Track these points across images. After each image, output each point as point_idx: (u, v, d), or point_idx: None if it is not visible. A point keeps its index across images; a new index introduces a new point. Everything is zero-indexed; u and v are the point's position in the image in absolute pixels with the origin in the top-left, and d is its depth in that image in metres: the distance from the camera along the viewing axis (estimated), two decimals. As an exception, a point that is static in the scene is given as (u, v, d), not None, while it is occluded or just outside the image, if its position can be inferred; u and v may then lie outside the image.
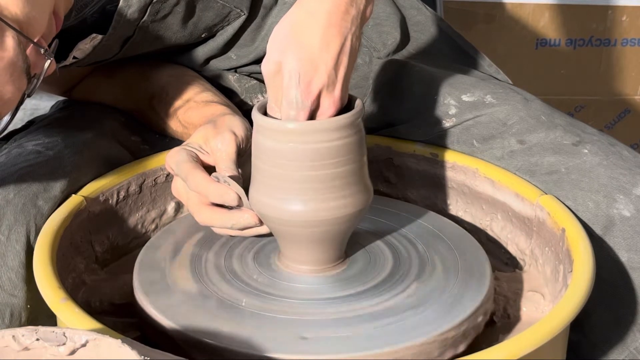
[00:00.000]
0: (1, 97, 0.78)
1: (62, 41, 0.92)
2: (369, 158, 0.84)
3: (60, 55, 1.02)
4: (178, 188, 0.92)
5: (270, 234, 0.88)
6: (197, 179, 0.88)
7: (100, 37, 1.03)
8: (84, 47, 1.04)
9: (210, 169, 0.91)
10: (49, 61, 0.82)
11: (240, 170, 0.91)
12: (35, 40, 0.80)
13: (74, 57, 1.04)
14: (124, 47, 1.07)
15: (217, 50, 1.15)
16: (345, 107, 0.83)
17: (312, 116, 0.80)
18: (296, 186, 0.80)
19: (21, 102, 0.81)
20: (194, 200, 0.90)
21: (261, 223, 0.87)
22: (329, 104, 0.80)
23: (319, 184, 0.80)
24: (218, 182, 0.88)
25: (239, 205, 0.87)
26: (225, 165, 0.90)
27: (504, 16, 2.02)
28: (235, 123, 0.95)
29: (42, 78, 0.82)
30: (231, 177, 0.89)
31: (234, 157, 0.91)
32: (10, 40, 0.77)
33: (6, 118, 0.81)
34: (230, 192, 0.87)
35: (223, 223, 0.88)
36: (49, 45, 0.83)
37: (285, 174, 0.80)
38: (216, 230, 0.91)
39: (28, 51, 0.80)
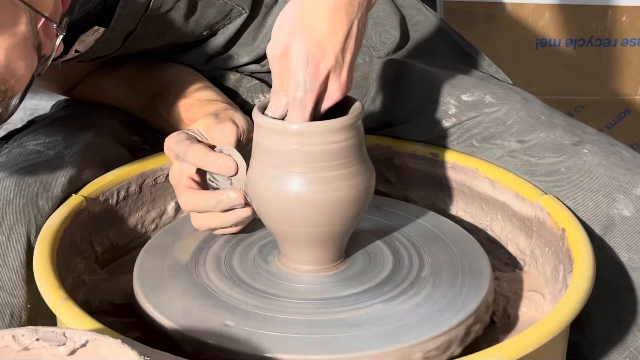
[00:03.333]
0: (14, 72, 0.78)
1: (65, 36, 0.92)
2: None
3: (63, 50, 1.02)
4: (173, 172, 0.91)
5: (259, 224, 0.87)
6: (195, 150, 0.88)
7: (102, 30, 1.03)
8: (87, 40, 1.03)
9: None
10: (59, 39, 0.83)
11: None
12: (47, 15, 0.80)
13: (77, 51, 1.04)
14: (126, 42, 1.07)
15: (218, 49, 1.15)
16: (343, 109, 0.83)
17: (318, 100, 0.80)
18: (297, 183, 0.80)
19: (30, 82, 0.81)
20: (183, 183, 0.89)
21: (247, 204, 0.86)
22: (335, 87, 0.80)
23: (319, 176, 0.80)
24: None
25: (235, 174, 0.86)
26: None
27: (504, 16, 2.02)
28: (237, 116, 0.95)
29: (52, 57, 0.82)
30: None
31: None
32: (22, 15, 0.77)
33: (14, 101, 0.81)
34: (229, 159, 0.86)
35: (207, 203, 0.87)
36: (60, 23, 0.84)
37: (286, 172, 0.80)
38: (197, 222, 0.90)
39: (39, 28, 0.80)
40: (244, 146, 0.92)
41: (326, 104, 0.81)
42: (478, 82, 1.08)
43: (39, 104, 2.72)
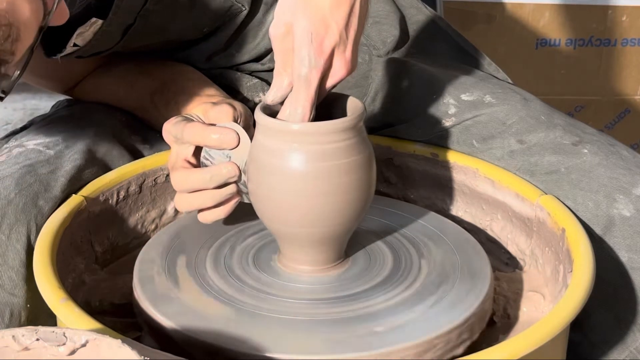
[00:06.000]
0: (19, 15, 0.76)
1: (66, 30, 0.92)
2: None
3: (63, 44, 1.02)
4: (170, 155, 0.91)
5: (259, 224, 0.87)
6: (194, 126, 0.87)
7: (100, 22, 1.02)
8: (85, 31, 1.03)
9: None
10: None
11: None
12: None
13: (76, 45, 1.03)
14: (125, 36, 1.06)
15: (218, 47, 1.15)
16: (345, 109, 0.83)
17: (323, 78, 0.79)
18: (298, 183, 0.80)
19: (36, 40, 0.80)
20: (178, 164, 0.88)
21: (240, 178, 0.85)
22: (340, 64, 0.79)
23: (320, 177, 0.80)
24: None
25: (236, 146, 0.85)
26: None
27: (504, 16, 2.02)
28: (236, 102, 0.95)
29: (54, 10, 0.81)
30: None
31: None
32: None
33: (16, 73, 0.80)
34: (230, 131, 0.86)
35: (201, 177, 0.86)
36: None
37: (286, 172, 0.80)
38: (182, 201, 0.88)
39: None
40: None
41: (331, 82, 0.80)
42: (477, 82, 1.08)
43: (39, 104, 2.72)
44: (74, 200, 0.94)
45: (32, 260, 0.86)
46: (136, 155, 1.06)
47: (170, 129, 0.89)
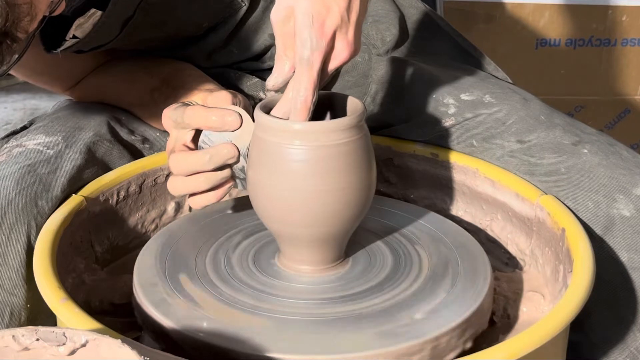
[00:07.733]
0: None
1: (65, 23, 0.91)
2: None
3: (63, 38, 1.02)
4: (169, 141, 0.90)
5: (259, 224, 0.87)
6: (194, 109, 0.86)
7: (99, 13, 1.02)
8: (84, 23, 1.03)
9: None
10: None
11: None
12: None
13: (75, 37, 1.03)
14: (124, 29, 1.06)
15: (218, 44, 1.15)
16: (344, 110, 0.83)
17: (325, 60, 0.79)
18: (298, 183, 0.80)
19: (37, 29, 0.79)
20: (177, 148, 0.88)
21: (239, 159, 0.85)
22: (342, 46, 0.79)
23: (321, 176, 0.80)
24: None
25: (239, 128, 0.85)
26: None
27: (504, 16, 2.03)
28: (235, 92, 0.94)
29: None
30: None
31: None
32: None
33: (15, 56, 0.80)
34: (231, 112, 0.85)
35: (199, 158, 0.85)
36: None
37: (286, 172, 0.80)
38: (176, 184, 0.88)
39: None
40: None
41: (334, 64, 0.80)
42: (477, 82, 1.08)
43: (39, 104, 2.73)
44: (74, 200, 0.94)
45: (32, 260, 0.86)
46: (136, 155, 1.06)
47: (170, 114, 0.89)
